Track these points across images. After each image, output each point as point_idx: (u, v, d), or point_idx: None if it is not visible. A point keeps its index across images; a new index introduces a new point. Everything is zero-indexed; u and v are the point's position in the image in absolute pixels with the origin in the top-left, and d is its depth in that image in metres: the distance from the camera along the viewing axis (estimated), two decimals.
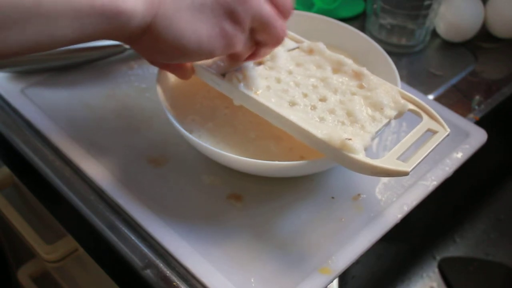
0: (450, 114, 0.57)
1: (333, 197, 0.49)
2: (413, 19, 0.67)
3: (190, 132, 0.48)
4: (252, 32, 0.42)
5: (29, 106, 0.56)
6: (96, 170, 0.49)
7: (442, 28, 0.70)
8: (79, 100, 0.56)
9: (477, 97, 0.63)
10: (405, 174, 0.40)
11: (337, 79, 0.47)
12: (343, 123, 0.44)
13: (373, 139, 0.43)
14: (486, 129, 0.55)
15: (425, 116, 0.46)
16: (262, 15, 0.41)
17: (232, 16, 0.39)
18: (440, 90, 0.64)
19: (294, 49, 0.51)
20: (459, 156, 0.53)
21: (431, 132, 0.45)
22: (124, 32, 0.37)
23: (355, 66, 0.48)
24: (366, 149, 0.42)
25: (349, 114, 0.44)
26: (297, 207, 0.48)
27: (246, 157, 0.44)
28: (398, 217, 0.47)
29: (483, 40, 0.72)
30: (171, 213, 0.46)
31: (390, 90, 0.46)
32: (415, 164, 0.41)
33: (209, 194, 0.48)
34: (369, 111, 0.45)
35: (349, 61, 0.48)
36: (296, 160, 0.47)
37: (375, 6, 0.69)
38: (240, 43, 0.41)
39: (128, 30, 0.37)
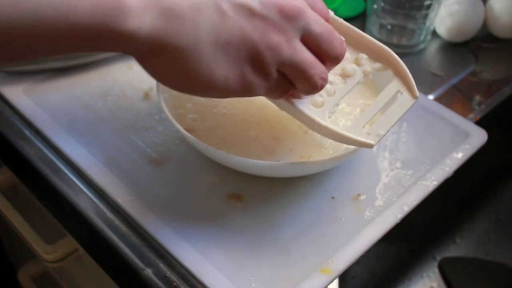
0: (450, 114, 0.57)
1: (333, 197, 0.49)
2: (414, 19, 0.67)
3: (190, 132, 0.48)
4: (286, 76, 0.38)
5: (29, 106, 0.56)
6: (96, 170, 0.49)
7: (442, 28, 0.70)
8: (79, 100, 0.56)
9: (477, 97, 0.63)
10: (369, 146, 0.41)
11: None
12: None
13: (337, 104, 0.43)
14: (486, 129, 0.55)
15: (396, 78, 0.44)
16: (294, 63, 0.37)
17: (256, 61, 0.36)
18: (440, 90, 0.64)
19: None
20: (459, 156, 0.53)
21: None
22: (126, 50, 0.34)
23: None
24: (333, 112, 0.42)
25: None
26: (297, 207, 0.48)
27: (246, 157, 0.44)
28: (398, 217, 0.47)
29: (483, 40, 0.72)
30: (171, 213, 0.46)
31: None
32: (380, 138, 0.42)
33: (209, 194, 0.48)
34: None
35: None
36: (296, 160, 0.47)
37: (375, 6, 0.69)
38: (261, 89, 0.38)
39: (130, 49, 0.34)
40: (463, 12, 0.68)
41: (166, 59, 0.34)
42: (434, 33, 0.72)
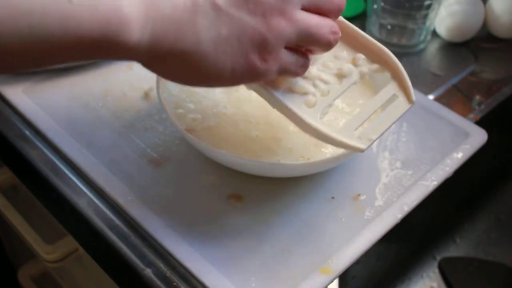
0: (450, 114, 0.57)
1: (333, 197, 0.49)
2: (414, 19, 0.67)
3: (190, 132, 0.48)
4: (297, 49, 0.39)
5: (29, 106, 0.56)
6: (96, 170, 0.49)
7: (442, 28, 0.70)
8: (80, 100, 0.56)
9: (477, 97, 0.63)
10: (360, 151, 0.41)
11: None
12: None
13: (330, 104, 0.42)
14: (486, 129, 0.55)
15: (393, 81, 0.43)
16: (300, 35, 0.37)
17: (261, 47, 0.36)
18: (440, 90, 0.64)
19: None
20: (459, 156, 0.53)
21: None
22: (129, 59, 0.35)
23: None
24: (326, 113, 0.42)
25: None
26: (297, 207, 0.48)
27: (246, 157, 0.44)
28: (398, 217, 0.47)
29: (483, 40, 0.72)
30: (171, 213, 0.46)
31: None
32: (371, 142, 0.41)
33: (209, 194, 0.48)
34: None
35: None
36: (296, 160, 0.47)
37: (375, 6, 0.69)
38: (272, 72, 0.37)
39: (134, 58, 0.35)
40: (463, 12, 0.68)
41: (171, 63, 0.35)
42: (434, 33, 0.72)
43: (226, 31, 0.35)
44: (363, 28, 0.72)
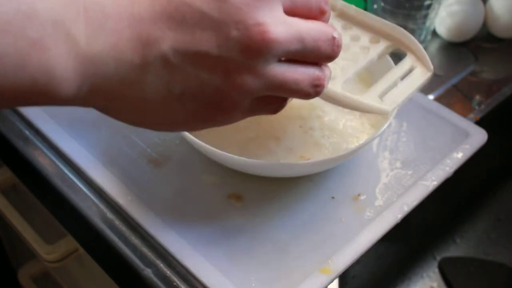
0: (450, 114, 0.57)
1: (333, 197, 0.49)
2: (414, 19, 0.67)
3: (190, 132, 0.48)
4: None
5: (29, 106, 0.55)
6: (96, 170, 0.49)
7: (442, 28, 0.70)
8: None
9: (477, 97, 0.63)
10: (385, 113, 0.41)
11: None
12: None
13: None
14: (486, 129, 0.55)
15: (409, 53, 0.44)
16: (271, 89, 0.32)
17: (220, 103, 0.32)
18: (440, 90, 0.64)
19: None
20: (459, 156, 0.53)
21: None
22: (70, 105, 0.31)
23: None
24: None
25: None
26: (297, 207, 0.48)
27: (246, 157, 0.44)
28: (398, 217, 0.47)
29: (483, 40, 0.72)
30: (171, 213, 0.46)
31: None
32: (395, 105, 0.41)
33: (209, 194, 0.48)
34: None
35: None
36: (296, 160, 0.47)
37: (375, 6, 0.69)
38: (237, 119, 0.34)
39: (74, 105, 0.31)
40: (463, 12, 0.68)
41: (115, 112, 0.33)
42: (434, 33, 0.72)
43: (179, 89, 0.31)
44: None
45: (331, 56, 0.34)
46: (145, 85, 0.31)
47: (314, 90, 0.34)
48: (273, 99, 0.34)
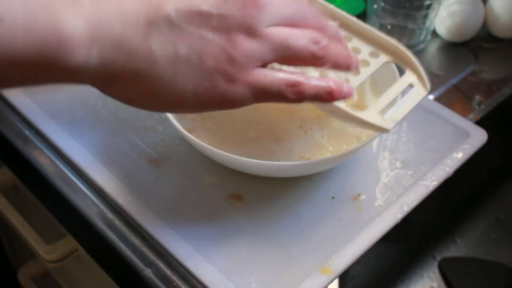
0: (450, 114, 0.57)
1: (333, 197, 0.49)
2: (414, 19, 0.67)
3: (190, 132, 0.48)
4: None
5: (29, 106, 0.56)
6: (97, 170, 0.49)
7: (442, 28, 0.70)
8: (79, 100, 0.56)
9: (477, 97, 0.63)
10: (386, 131, 0.42)
11: None
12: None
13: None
14: (486, 129, 0.55)
15: (408, 69, 0.45)
16: (274, 48, 0.33)
17: (228, 67, 0.32)
18: (440, 90, 0.64)
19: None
20: (459, 156, 0.53)
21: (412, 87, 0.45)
22: (77, 82, 0.32)
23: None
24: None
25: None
26: (297, 207, 0.48)
27: (246, 157, 0.44)
28: (398, 217, 0.47)
29: (484, 40, 0.72)
30: (171, 213, 0.46)
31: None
32: (395, 123, 0.42)
33: (209, 194, 0.48)
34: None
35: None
36: (296, 160, 0.47)
37: (375, 6, 0.69)
38: (245, 98, 0.34)
39: (81, 81, 0.32)
40: (463, 12, 0.68)
41: (125, 85, 0.32)
42: (434, 33, 0.72)
43: (185, 49, 0.31)
44: None
45: (320, 26, 0.35)
46: (151, 45, 0.31)
47: (317, 48, 0.34)
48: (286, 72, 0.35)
